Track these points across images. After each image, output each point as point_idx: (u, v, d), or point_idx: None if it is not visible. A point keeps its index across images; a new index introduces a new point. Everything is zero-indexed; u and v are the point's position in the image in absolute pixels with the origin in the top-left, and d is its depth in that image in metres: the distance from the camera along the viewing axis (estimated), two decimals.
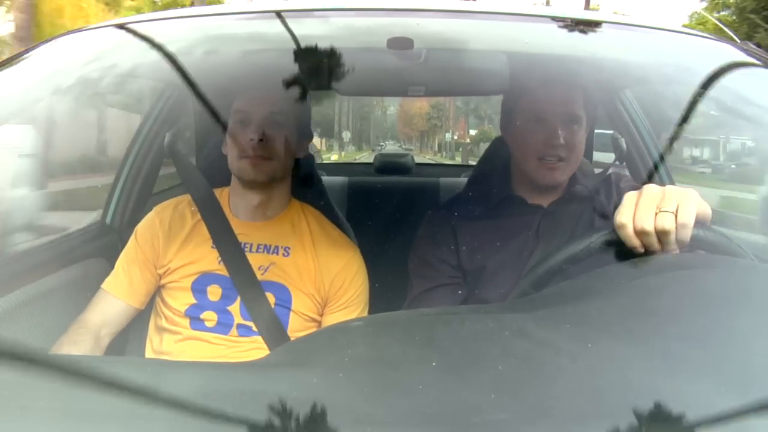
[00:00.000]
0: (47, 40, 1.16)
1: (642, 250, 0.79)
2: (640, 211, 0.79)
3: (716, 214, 0.84)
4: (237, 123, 1.20)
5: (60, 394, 0.55)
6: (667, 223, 0.77)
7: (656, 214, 0.78)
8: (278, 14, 1.18)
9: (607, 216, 1.16)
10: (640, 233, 0.78)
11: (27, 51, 1.13)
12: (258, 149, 1.17)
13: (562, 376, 0.57)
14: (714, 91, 1.09)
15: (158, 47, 1.22)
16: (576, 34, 1.16)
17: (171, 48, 1.24)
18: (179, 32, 1.23)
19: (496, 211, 1.22)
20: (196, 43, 1.20)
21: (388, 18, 1.16)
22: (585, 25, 1.19)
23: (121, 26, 1.22)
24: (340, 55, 1.15)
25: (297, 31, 1.12)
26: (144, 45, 1.20)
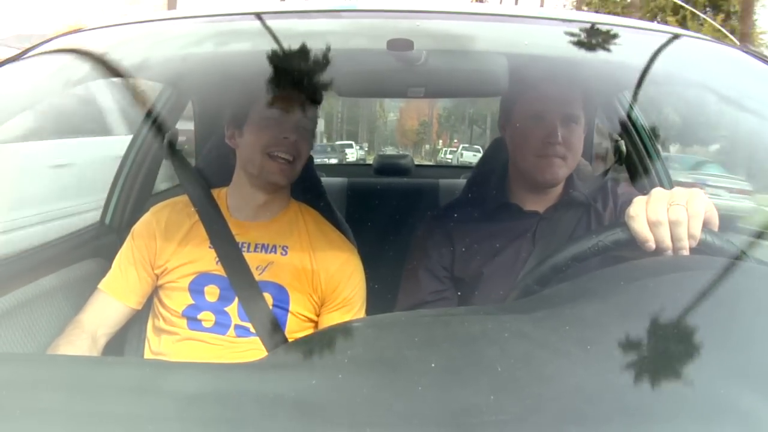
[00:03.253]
0: (47, 40, 1.16)
1: (653, 246, 0.79)
2: (652, 204, 0.80)
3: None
4: (269, 119, 1.19)
5: (59, 394, 0.55)
6: (680, 214, 0.78)
7: (668, 207, 0.79)
8: (278, 15, 1.18)
9: (603, 222, 1.16)
10: (653, 224, 0.79)
11: (27, 51, 1.13)
12: (290, 148, 1.18)
13: (560, 378, 0.57)
14: (712, 93, 1.10)
15: (158, 47, 1.22)
16: (575, 36, 1.16)
17: (170, 48, 1.24)
18: (178, 33, 1.23)
19: (493, 217, 1.22)
20: (195, 43, 1.20)
21: (388, 19, 1.16)
22: (585, 27, 1.19)
23: (121, 26, 1.22)
24: (340, 56, 1.15)
25: (297, 32, 1.12)
26: (144, 45, 1.20)
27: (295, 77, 1.17)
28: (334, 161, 9.62)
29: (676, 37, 1.22)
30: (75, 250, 1.44)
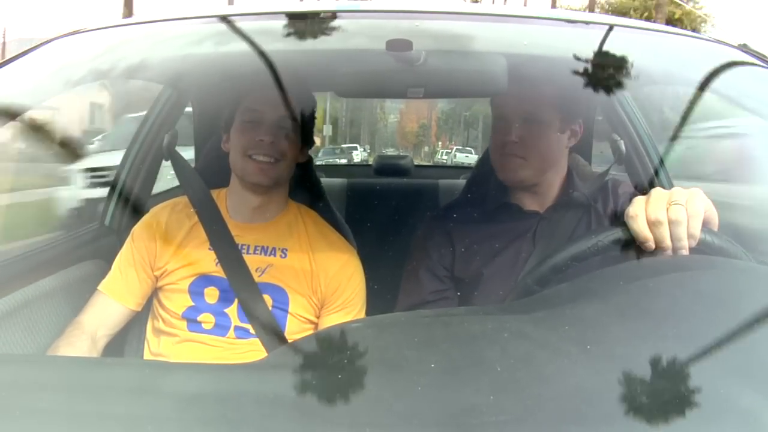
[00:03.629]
0: (47, 41, 1.16)
1: (652, 245, 0.79)
2: (652, 204, 0.80)
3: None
4: (247, 122, 1.20)
5: (59, 395, 0.55)
6: (679, 213, 0.78)
7: (667, 207, 0.79)
8: (278, 16, 1.18)
9: (603, 222, 1.16)
10: (653, 224, 0.79)
11: (27, 51, 1.13)
12: (268, 150, 1.18)
13: (560, 378, 0.57)
14: (712, 93, 1.10)
15: (158, 48, 1.22)
16: (575, 36, 1.16)
17: (170, 49, 1.24)
18: (179, 34, 1.23)
19: (493, 217, 1.22)
20: (195, 44, 1.20)
21: (387, 20, 1.16)
22: (584, 27, 1.19)
23: (121, 27, 1.22)
24: (338, 57, 1.15)
25: (296, 33, 1.12)
26: (143, 46, 1.20)
27: (287, 78, 1.16)
28: (344, 161, 10.94)
29: (675, 36, 1.22)
30: (75, 251, 1.44)
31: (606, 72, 1.20)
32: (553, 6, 20.85)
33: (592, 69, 1.15)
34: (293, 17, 1.15)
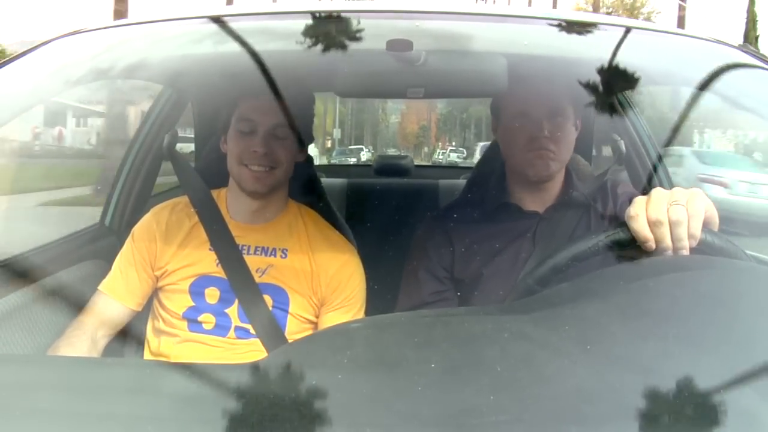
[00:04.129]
0: (48, 41, 1.16)
1: (653, 245, 0.79)
2: (652, 204, 0.80)
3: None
4: (241, 131, 1.19)
5: (59, 395, 0.55)
6: (680, 213, 0.78)
7: (668, 207, 0.79)
8: (278, 16, 1.18)
9: (603, 222, 1.17)
10: (654, 224, 0.79)
11: (27, 51, 1.13)
12: (262, 160, 1.17)
13: (561, 378, 0.57)
14: (713, 93, 1.10)
15: (158, 48, 1.22)
16: (575, 36, 1.16)
17: (170, 49, 1.24)
18: (179, 34, 1.23)
19: (492, 218, 1.22)
20: (195, 44, 1.20)
21: (388, 20, 1.16)
22: (584, 27, 1.19)
23: (121, 27, 1.22)
24: (339, 57, 1.15)
25: (296, 33, 1.12)
26: (144, 46, 1.20)
27: (287, 78, 1.16)
28: (353, 160, 12.37)
29: (675, 36, 1.22)
30: (75, 251, 1.44)
31: (606, 71, 1.20)
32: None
33: (593, 69, 1.15)
34: (293, 17, 1.15)
